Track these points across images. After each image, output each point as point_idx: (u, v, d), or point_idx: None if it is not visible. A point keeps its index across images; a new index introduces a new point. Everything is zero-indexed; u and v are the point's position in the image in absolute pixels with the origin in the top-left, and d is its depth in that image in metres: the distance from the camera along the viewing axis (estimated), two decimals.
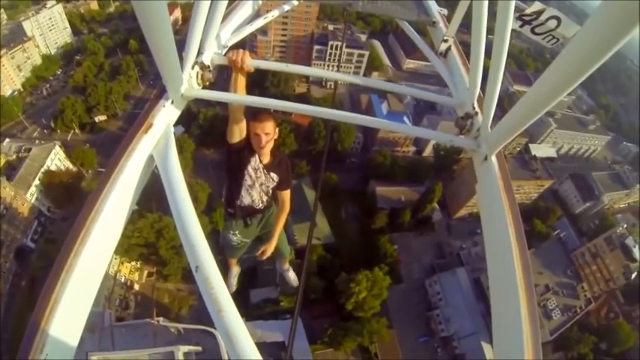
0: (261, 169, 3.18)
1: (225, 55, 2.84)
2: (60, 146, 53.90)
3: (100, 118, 63.22)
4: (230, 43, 3.14)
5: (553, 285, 52.97)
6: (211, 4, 2.62)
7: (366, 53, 74.09)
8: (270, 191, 3.39)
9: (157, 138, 2.24)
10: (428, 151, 66.42)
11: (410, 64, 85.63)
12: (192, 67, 2.56)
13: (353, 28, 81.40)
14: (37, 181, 48.49)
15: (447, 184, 57.37)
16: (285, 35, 72.31)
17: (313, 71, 3.37)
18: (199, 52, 2.66)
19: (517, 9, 2.12)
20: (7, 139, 53.29)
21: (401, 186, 55.90)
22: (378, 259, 46.72)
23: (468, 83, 2.99)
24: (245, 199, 3.29)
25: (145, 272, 45.22)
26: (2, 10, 77.59)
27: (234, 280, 4.60)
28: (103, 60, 73.97)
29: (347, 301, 42.84)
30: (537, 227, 61.27)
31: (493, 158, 2.39)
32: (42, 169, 49.34)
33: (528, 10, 2.16)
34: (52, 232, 47.60)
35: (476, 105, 2.78)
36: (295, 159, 45.42)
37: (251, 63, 2.61)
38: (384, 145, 61.20)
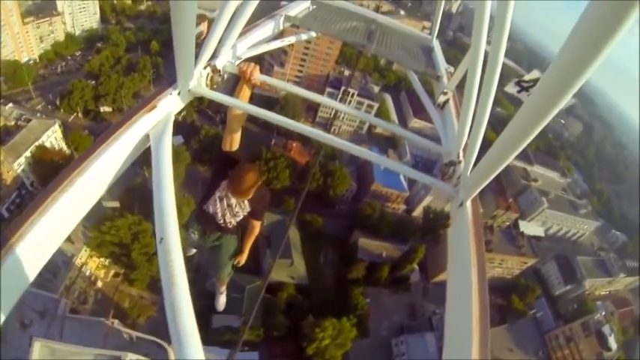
0: (233, 199, 3.14)
1: (237, 64, 3.00)
2: (59, 125, 53.56)
3: (105, 108, 63.49)
4: (244, 56, 3.31)
5: None
6: (235, 13, 2.80)
7: (376, 105, 75.34)
8: (239, 217, 3.26)
9: (157, 120, 2.35)
10: (418, 212, 66.58)
11: (416, 123, 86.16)
12: (205, 67, 2.71)
13: (368, 78, 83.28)
14: (27, 153, 47.78)
15: (431, 247, 57.13)
16: (301, 71, 73.68)
17: (318, 97, 3.45)
18: (214, 56, 2.82)
19: (516, 74, 2.19)
20: (11, 104, 53.09)
21: (385, 241, 55.70)
22: (348, 310, 45.76)
23: (457, 133, 3.13)
24: (210, 207, 3.19)
25: (112, 272, 43.92)
26: None
27: (222, 300, 4.58)
28: (122, 54, 74.99)
29: (309, 345, 41.62)
30: (514, 304, 60.72)
31: (468, 204, 2.47)
32: (36, 143, 48.68)
33: (527, 77, 2.29)
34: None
35: (461, 154, 2.88)
36: (285, 195, 45.42)
37: (259, 77, 2.80)
38: (375, 198, 61.50)
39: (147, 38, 79.36)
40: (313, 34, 4.62)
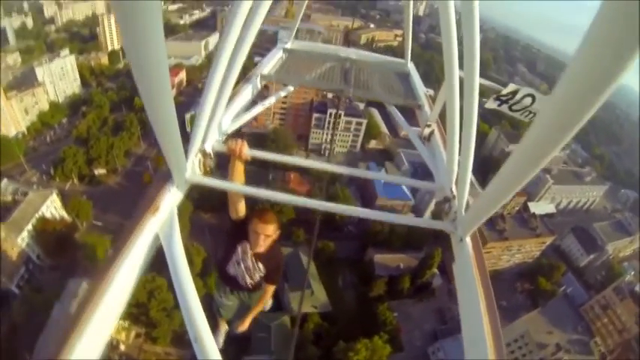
0: (249, 256, 3.25)
1: (224, 142, 3.04)
2: (57, 194, 53.66)
3: (99, 171, 63.85)
4: (230, 131, 3.35)
5: (564, 343, 51.21)
6: (218, 90, 2.79)
7: (364, 121, 75.84)
8: (257, 279, 3.41)
9: (163, 220, 2.39)
10: (427, 216, 66.24)
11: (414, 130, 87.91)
12: (196, 155, 2.74)
13: (351, 97, 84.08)
14: (29, 227, 47.65)
15: (447, 249, 55.80)
16: (285, 102, 74.04)
17: (306, 163, 3.65)
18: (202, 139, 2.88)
19: (494, 91, 2.30)
20: (5, 180, 52.99)
21: (399, 253, 55.38)
22: (377, 328, 45.18)
23: (446, 166, 3.11)
24: (230, 270, 3.35)
25: (133, 333, 43.17)
26: (18, 53, 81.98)
27: (220, 339, 4.53)
28: (107, 114, 76.10)
29: None
30: (542, 285, 60.09)
31: (467, 239, 2.52)
32: (36, 215, 48.64)
33: (504, 91, 2.28)
34: (38, 280, 46.23)
35: (454, 188, 2.88)
36: (292, 227, 45.49)
37: (248, 152, 2.83)
38: (383, 211, 60.94)
39: (129, 95, 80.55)
40: (291, 88, 4.68)
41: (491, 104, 2.33)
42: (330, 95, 75.63)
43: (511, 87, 2.26)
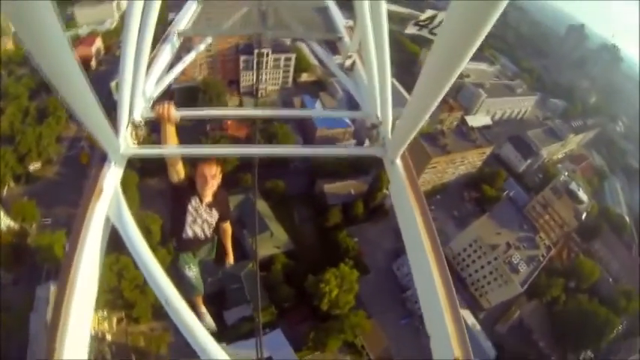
0: (202, 208, 3.40)
1: (152, 108, 3.02)
2: None
3: (34, 166, 59.39)
4: (155, 95, 3.28)
5: (513, 241, 56.18)
6: (135, 59, 2.70)
7: (293, 56, 74.26)
8: (213, 225, 3.59)
9: (109, 200, 2.39)
10: (354, 145, 66.77)
11: (338, 59, 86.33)
12: (126, 128, 2.68)
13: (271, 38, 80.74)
14: None
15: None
16: (210, 50, 70.15)
17: (235, 112, 4.18)
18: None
19: (413, 17, 2.37)
20: None
21: (348, 180, 56.29)
22: (341, 255, 47.11)
23: (370, 93, 3.17)
24: (189, 233, 3.45)
25: (114, 319, 42.66)
26: None
27: (209, 319, 4.54)
28: (27, 103, 68.33)
29: (320, 301, 43.06)
30: (487, 192, 64.94)
31: (398, 161, 2.64)
32: None
33: (422, 17, 2.36)
34: (4, 299, 42.67)
35: (379, 114, 2.93)
36: (239, 173, 44.73)
37: (177, 114, 2.85)
38: (324, 143, 60.79)
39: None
40: (209, 40, 4.62)
41: (411, 29, 2.36)
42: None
43: (429, 12, 2.31)
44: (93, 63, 74.91)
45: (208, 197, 3.38)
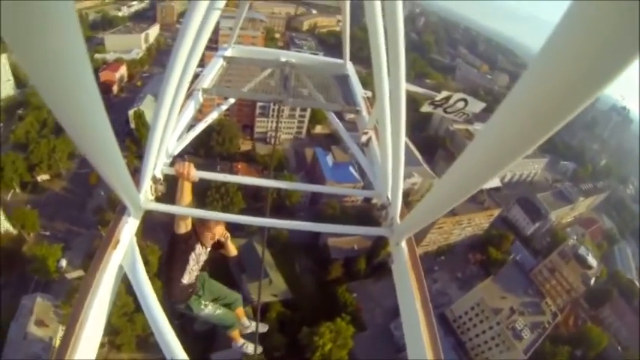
0: (204, 254, 3.56)
1: (172, 165, 3.10)
2: None
3: (42, 177, 60.02)
4: (176, 152, 3.37)
5: (517, 306, 54.60)
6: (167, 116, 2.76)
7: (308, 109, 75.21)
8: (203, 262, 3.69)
9: (124, 251, 2.48)
10: (363, 227, 66.36)
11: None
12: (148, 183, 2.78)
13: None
14: None
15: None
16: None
17: (251, 181, 3.85)
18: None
19: (429, 97, 2.45)
20: None
21: (353, 235, 55.38)
22: (339, 310, 46.16)
23: (382, 173, 3.20)
24: (185, 280, 3.51)
25: None
26: None
27: (253, 346, 4.57)
28: (46, 115, 69.93)
29: (313, 354, 41.69)
30: (493, 255, 63.69)
31: (403, 244, 2.70)
32: None
33: (438, 97, 2.44)
34: None
35: (390, 195, 2.96)
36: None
37: (196, 174, 2.95)
38: (331, 196, 61.20)
39: None
40: (232, 100, 4.73)
41: (426, 108, 2.50)
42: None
43: (444, 93, 2.44)
44: (115, 88, 77.14)
45: (209, 244, 3.55)
